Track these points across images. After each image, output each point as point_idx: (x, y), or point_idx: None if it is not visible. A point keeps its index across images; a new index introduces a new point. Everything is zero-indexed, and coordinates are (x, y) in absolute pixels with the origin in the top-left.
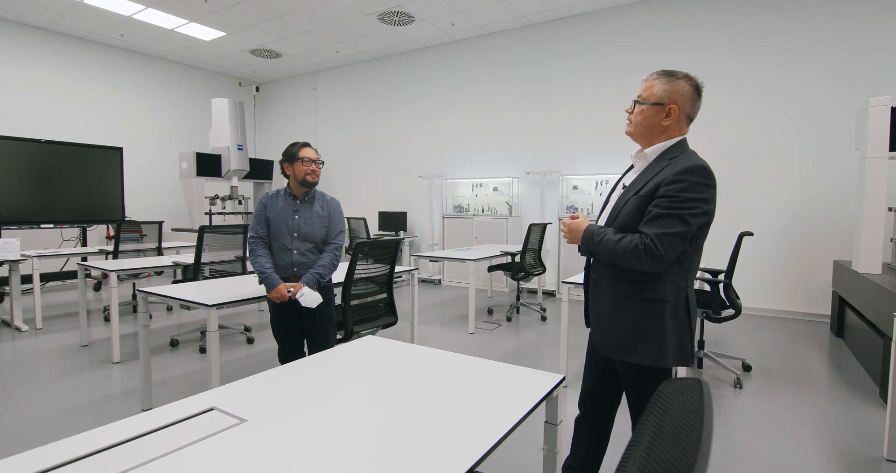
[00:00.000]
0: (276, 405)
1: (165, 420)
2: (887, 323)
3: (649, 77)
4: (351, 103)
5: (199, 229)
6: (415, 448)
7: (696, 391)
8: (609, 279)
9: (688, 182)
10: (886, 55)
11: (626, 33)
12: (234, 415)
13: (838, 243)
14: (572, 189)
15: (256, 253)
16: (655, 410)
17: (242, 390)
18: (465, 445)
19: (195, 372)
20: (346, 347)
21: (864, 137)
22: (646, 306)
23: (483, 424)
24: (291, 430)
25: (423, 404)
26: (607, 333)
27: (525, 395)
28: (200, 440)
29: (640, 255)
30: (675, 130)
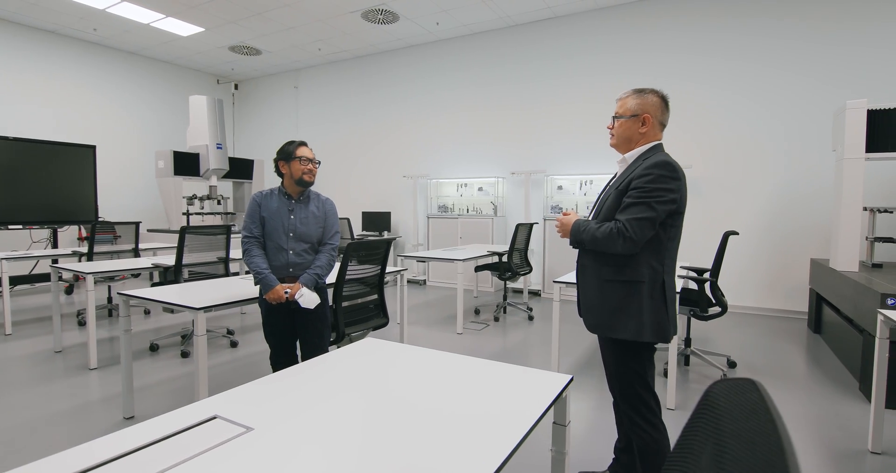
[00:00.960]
0: (282, 412)
1: (166, 431)
2: (866, 319)
3: (622, 96)
4: (333, 102)
5: (181, 229)
6: (434, 455)
7: (753, 392)
8: (593, 265)
9: (654, 175)
10: (862, 59)
11: (610, 35)
12: (240, 423)
13: (815, 242)
14: (557, 189)
15: (252, 253)
16: (708, 411)
17: (243, 396)
18: (484, 451)
19: (178, 377)
20: (345, 350)
21: (841, 138)
22: (625, 286)
23: (498, 428)
24: (302, 438)
25: (436, 408)
26: (594, 313)
27: (536, 397)
28: (207, 450)
29: (614, 238)
30: (650, 136)
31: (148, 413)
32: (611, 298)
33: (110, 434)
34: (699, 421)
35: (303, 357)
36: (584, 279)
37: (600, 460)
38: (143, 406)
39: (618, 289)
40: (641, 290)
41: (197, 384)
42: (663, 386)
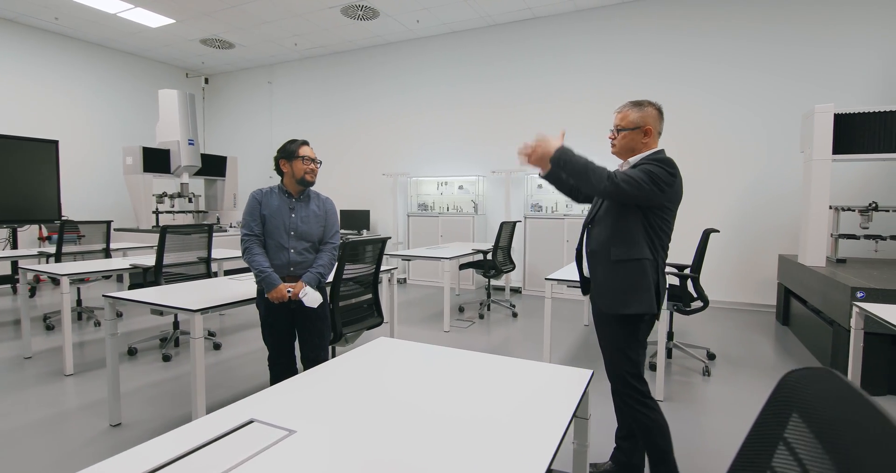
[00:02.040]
0: (320, 413)
1: (203, 437)
2: (836, 311)
3: (622, 109)
4: (309, 98)
5: (162, 229)
6: (483, 453)
7: (836, 380)
8: (602, 249)
9: (655, 163)
10: (829, 64)
11: (589, 36)
12: (280, 426)
13: (783, 238)
14: (537, 188)
15: (253, 252)
16: (793, 400)
17: (275, 399)
18: (531, 448)
19: (162, 382)
20: (362, 349)
21: (809, 141)
22: (635, 264)
23: (536, 429)
24: (347, 439)
25: (471, 406)
26: (608, 294)
27: (564, 394)
28: (254, 455)
29: (604, 176)
30: (652, 144)
31: (136, 420)
32: (624, 277)
33: (142, 444)
34: (783, 409)
35: (303, 358)
36: (594, 263)
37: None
38: (129, 413)
39: (629, 267)
40: (646, 267)
41: (194, 388)
42: (652, 379)
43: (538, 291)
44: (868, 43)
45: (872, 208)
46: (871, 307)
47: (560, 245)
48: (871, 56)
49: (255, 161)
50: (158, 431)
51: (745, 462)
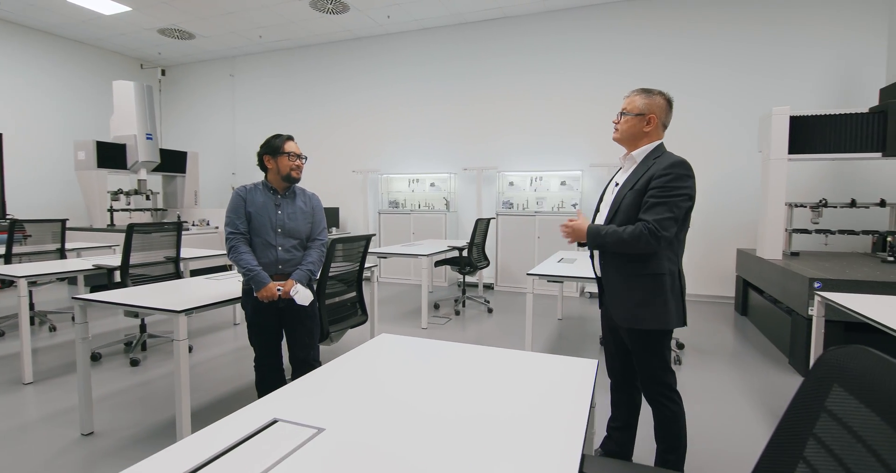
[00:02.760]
0: (344, 411)
1: (229, 439)
2: (794, 301)
3: (631, 94)
4: (274, 93)
5: (128, 227)
6: (515, 446)
7: (872, 356)
8: (616, 262)
9: (674, 174)
10: (784, 69)
11: (558, 35)
12: (307, 425)
13: (741, 233)
14: (508, 185)
15: (239, 250)
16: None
17: (292, 398)
18: (561, 440)
19: (132, 388)
20: (367, 346)
21: (767, 141)
22: (651, 279)
23: (561, 416)
24: (379, 435)
25: (493, 399)
26: (621, 307)
27: (578, 383)
28: (290, 453)
29: (645, 238)
30: (654, 135)
31: (109, 429)
32: (637, 291)
33: (166, 449)
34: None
35: (291, 358)
36: (607, 276)
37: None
38: (100, 421)
39: (644, 282)
40: (665, 282)
41: (179, 392)
42: None
43: (511, 286)
44: (822, 47)
45: (822, 205)
46: (831, 296)
47: (531, 242)
48: (826, 60)
49: (216, 157)
50: (136, 439)
51: (789, 430)
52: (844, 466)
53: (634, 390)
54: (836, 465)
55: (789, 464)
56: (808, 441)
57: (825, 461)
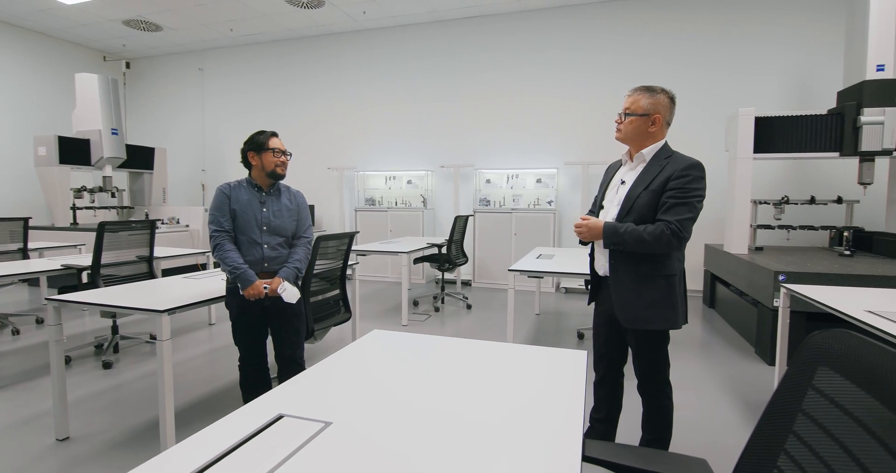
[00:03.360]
0: (348, 405)
1: (235, 436)
2: (760, 293)
3: (633, 93)
4: (246, 88)
5: (99, 225)
6: (519, 433)
7: (854, 337)
8: (628, 263)
9: (691, 176)
10: (748, 72)
11: (535, 34)
12: (313, 419)
13: (708, 229)
14: (485, 183)
15: (225, 248)
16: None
17: (294, 393)
18: (561, 426)
19: (106, 391)
20: (360, 342)
21: (733, 140)
22: (662, 280)
23: (559, 405)
24: (387, 428)
25: (494, 391)
26: (631, 308)
27: (571, 374)
28: (300, 447)
29: (667, 239)
30: (659, 134)
31: (85, 433)
32: (649, 293)
33: (171, 448)
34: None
35: (277, 357)
36: (616, 277)
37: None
38: (75, 426)
39: (656, 284)
40: (675, 282)
41: (163, 394)
42: None
43: (488, 283)
44: (785, 51)
45: (785, 202)
46: (796, 288)
47: (508, 239)
48: (788, 63)
49: (185, 153)
50: (115, 442)
51: (779, 407)
52: (831, 435)
53: (618, 385)
54: (824, 436)
55: (780, 438)
56: (798, 417)
57: (814, 433)
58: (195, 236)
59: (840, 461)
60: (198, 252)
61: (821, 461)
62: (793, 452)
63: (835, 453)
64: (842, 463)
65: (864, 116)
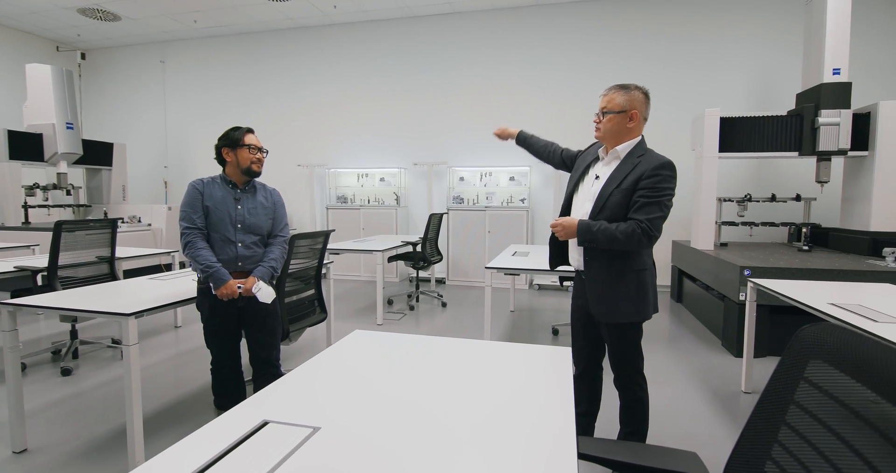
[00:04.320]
0: (334, 409)
1: (220, 445)
2: (727, 288)
3: (608, 92)
4: (210, 82)
5: (56, 225)
6: (511, 430)
7: (844, 330)
8: (602, 260)
9: (662, 176)
10: (713, 74)
11: (508, 32)
12: (300, 424)
13: (674, 226)
14: (459, 180)
15: (197, 246)
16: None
17: (276, 398)
18: (554, 422)
19: (66, 399)
20: (341, 344)
21: (700, 140)
22: (635, 275)
23: (548, 401)
24: (376, 431)
25: (482, 389)
26: (604, 304)
27: (557, 370)
28: (291, 454)
29: (639, 238)
30: (636, 130)
31: (44, 445)
32: (622, 287)
33: (153, 458)
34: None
35: (252, 359)
36: (591, 273)
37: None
38: (33, 437)
39: (630, 278)
40: (646, 277)
41: (130, 401)
42: None
43: (462, 280)
44: (747, 54)
45: (748, 199)
46: (763, 282)
47: (482, 236)
48: (749, 66)
49: (146, 149)
50: (77, 453)
51: (771, 399)
52: (825, 425)
53: (597, 379)
54: (817, 426)
55: (773, 429)
56: (790, 408)
57: (807, 423)
58: (158, 236)
59: (833, 448)
60: (162, 252)
61: (814, 449)
62: (786, 442)
63: (828, 441)
64: (835, 451)
65: (822, 117)
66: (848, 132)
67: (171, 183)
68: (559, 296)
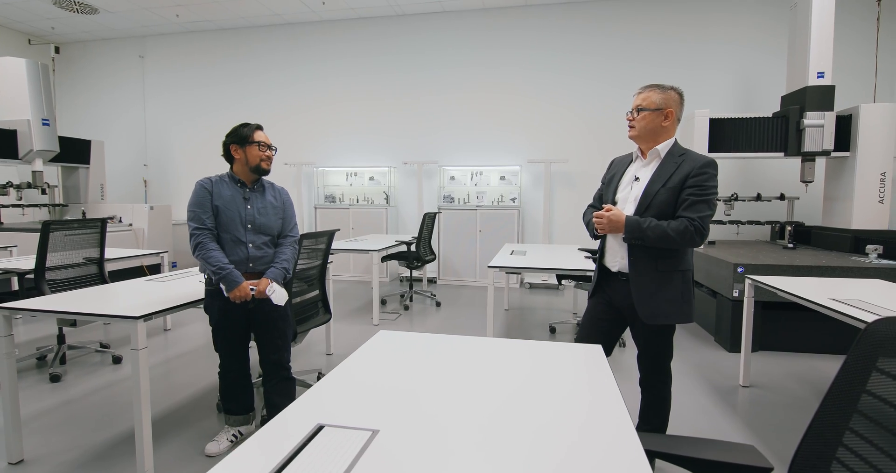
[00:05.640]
0: (385, 410)
1: (280, 453)
2: (719, 284)
3: (644, 90)
4: (192, 79)
5: (43, 225)
6: (572, 436)
7: None
8: (647, 260)
9: (708, 174)
10: (701, 76)
11: (496, 32)
12: (359, 427)
13: None
14: (449, 180)
15: (208, 247)
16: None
17: (322, 401)
18: (612, 427)
19: (58, 407)
20: (371, 344)
21: (689, 140)
22: (680, 276)
23: (598, 404)
24: (438, 433)
25: (532, 389)
26: (650, 304)
27: (595, 367)
28: (358, 458)
29: (692, 235)
30: (671, 129)
31: (41, 454)
32: (670, 288)
33: (212, 470)
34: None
35: (263, 362)
36: (636, 273)
37: None
38: (30, 447)
39: (675, 279)
40: (690, 278)
41: (139, 407)
42: None
43: (453, 280)
44: (734, 56)
45: (734, 199)
46: (763, 279)
47: (473, 235)
48: (736, 68)
49: (125, 147)
50: (78, 464)
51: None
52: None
53: None
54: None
55: (845, 417)
56: (862, 397)
57: (881, 410)
58: (140, 236)
59: None
60: (151, 253)
61: (890, 433)
62: (858, 428)
63: None
64: None
65: (807, 119)
66: (832, 134)
67: (151, 182)
68: (550, 295)
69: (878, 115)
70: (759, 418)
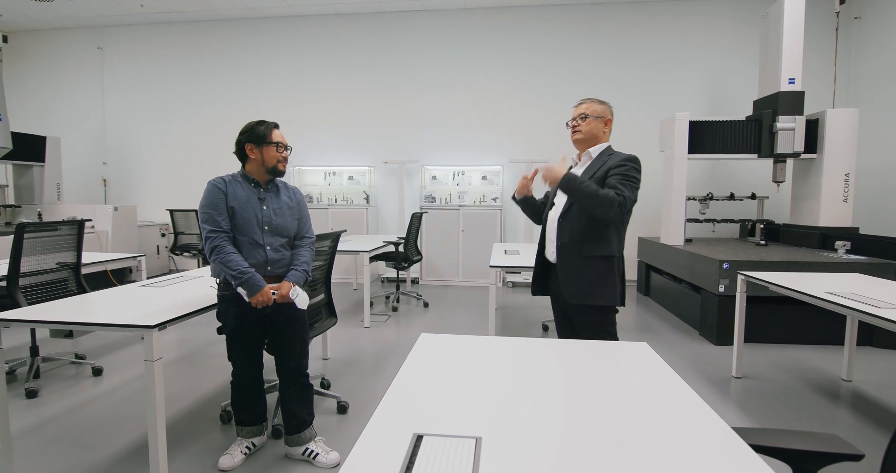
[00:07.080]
0: (477, 416)
1: (393, 466)
2: (704, 281)
3: (585, 101)
4: (157, 73)
5: (18, 227)
6: (672, 435)
7: None
8: (573, 243)
9: (629, 166)
10: (679, 77)
11: (476, 32)
12: (460, 435)
13: (639, 224)
14: (431, 179)
15: (226, 250)
16: None
17: (406, 410)
18: (703, 424)
19: (41, 424)
20: (418, 348)
21: (669, 142)
22: (603, 261)
23: (680, 401)
24: (539, 437)
25: (606, 393)
26: (574, 285)
27: (656, 367)
28: (478, 467)
29: (616, 204)
30: (607, 136)
31: None
32: (591, 271)
33: None
34: None
35: (280, 369)
36: (563, 256)
37: None
38: (22, 468)
39: (597, 263)
40: (614, 263)
41: (154, 421)
42: None
43: (437, 280)
44: (706, 63)
45: (709, 198)
46: (755, 275)
47: (456, 235)
48: (709, 73)
49: (81, 144)
50: None
51: None
52: None
53: None
54: None
55: None
56: None
57: None
58: (103, 239)
59: None
60: (126, 257)
61: None
62: None
63: None
64: None
65: (780, 123)
66: (802, 137)
67: (111, 181)
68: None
69: (842, 119)
70: (756, 406)
